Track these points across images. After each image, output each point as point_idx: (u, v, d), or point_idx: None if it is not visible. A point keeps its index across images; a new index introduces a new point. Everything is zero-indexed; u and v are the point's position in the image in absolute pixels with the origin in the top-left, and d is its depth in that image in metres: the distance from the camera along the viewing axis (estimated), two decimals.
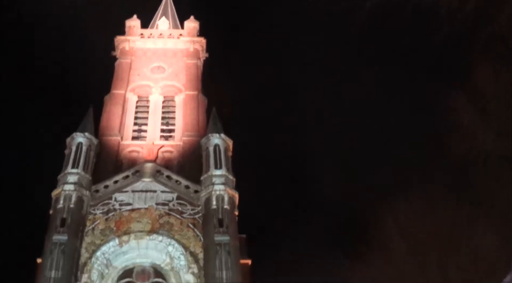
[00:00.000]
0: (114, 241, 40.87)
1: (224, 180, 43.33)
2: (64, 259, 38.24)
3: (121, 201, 42.78)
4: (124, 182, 43.90)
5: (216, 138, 46.21)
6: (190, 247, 40.73)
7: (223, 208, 41.70)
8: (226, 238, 39.98)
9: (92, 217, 41.78)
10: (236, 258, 39.53)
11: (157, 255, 41.23)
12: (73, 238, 39.53)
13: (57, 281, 37.23)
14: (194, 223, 41.91)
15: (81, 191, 41.84)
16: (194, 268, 39.87)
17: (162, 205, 42.70)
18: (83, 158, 43.99)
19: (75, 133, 45.62)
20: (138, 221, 41.73)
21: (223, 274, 38.23)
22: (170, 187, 43.79)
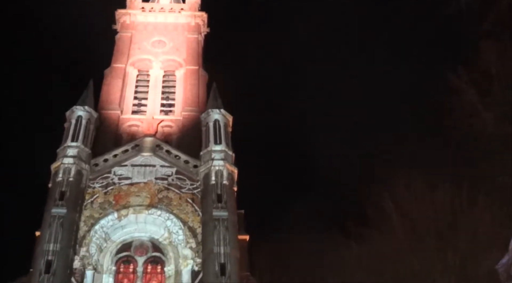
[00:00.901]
0: (113, 215, 40.71)
1: (224, 155, 43.07)
2: (62, 232, 38.08)
3: (120, 175, 42.55)
4: (124, 156, 43.63)
5: (216, 114, 45.86)
6: (188, 222, 40.60)
7: (222, 183, 41.47)
8: (224, 213, 39.82)
9: (91, 191, 41.57)
10: (234, 234, 39.38)
11: (155, 229, 41.11)
12: (72, 211, 39.34)
13: (56, 254, 37.09)
14: (193, 198, 41.74)
15: (80, 165, 41.56)
16: (192, 243, 39.77)
17: (161, 179, 42.48)
18: (82, 131, 43.62)
19: (75, 107, 45.21)
20: (137, 195, 41.55)
21: (221, 249, 38.11)
22: (170, 161, 43.53)
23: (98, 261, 39.28)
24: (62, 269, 36.85)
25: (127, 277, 40.05)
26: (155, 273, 40.31)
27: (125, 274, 40.17)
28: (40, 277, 36.01)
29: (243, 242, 40.78)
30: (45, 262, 36.67)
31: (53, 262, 36.74)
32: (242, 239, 40.85)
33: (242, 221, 42.11)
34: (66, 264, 37.32)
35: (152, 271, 40.37)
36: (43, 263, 36.63)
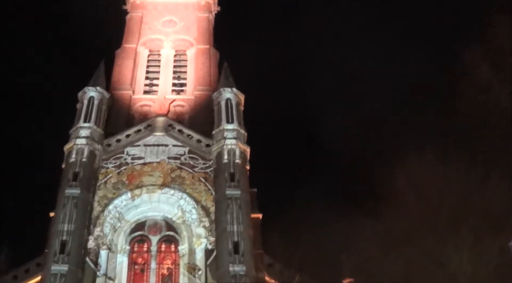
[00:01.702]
0: (126, 195, 40.69)
1: (236, 134, 42.80)
2: (77, 213, 38.09)
3: (133, 155, 42.44)
4: (136, 136, 43.47)
5: (228, 92, 45.50)
6: (201, 201, 40.50)
7: (235, 162, 41.26)
8: (237, 192, 39.64)
9: (104, 171, 41.52)
10: (247, 212, 39.19)
11: (168, 208, 41.04)
12: (85, 191, 39.32)
13: (70, 234, 37.14)
14: (206, 177, 41.58)
15: (93, 145, 41.47)
16: (206, 221, 39.69)
17: (173, 159, 42.32)
18: (95, 112, 43.48)
19: (87, 87, 45.02)
20: (150, 175, 41.45)
21: (234, 227, 37.97)
22: (182, 141, 43.33)
23: (112, 241, 39.31)
24: (77, 249, 36.90)
25: (141, 256, 40.08)
26: (169, 252, 40.29)
27: (139, 253, 40.18)
28: (55, 257, 36.06)
29: (256, 220, 40.62)
30: (60, 242, 36.71)
31: (68, 242, 36.78)
32: (255, 217, 40.69)
33: (255, 199, 41.91)
34: (80, 244, 37.38)
35: (166, 250, 40.36)
36: (57, 243, 36.67)
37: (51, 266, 35.74)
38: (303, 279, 35.68)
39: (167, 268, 39.71)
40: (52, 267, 35.68)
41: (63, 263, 35.90)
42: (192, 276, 38.22)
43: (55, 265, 35.74)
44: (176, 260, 39.80)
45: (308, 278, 36.40)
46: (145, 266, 39.63)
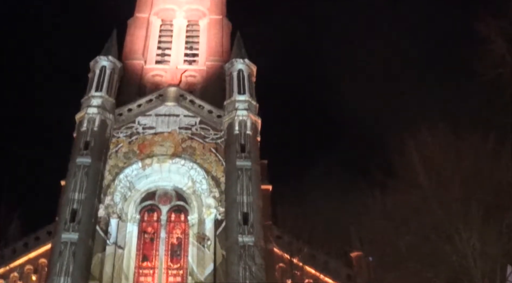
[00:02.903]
0: (137, 164, 40.44)
1: (247, 105, 42.30)
2: (87, 181, 37.95)
3: (144, 124, 42.07)
4: (148, 106, 43.06)
5: (240, 63, 44.87)
6: (212, 171, 40.19)
7: (246, 133, 40.84)
8: (247, 163, 39.31)
9: (116, 140, 41.22)
10: (257, 183, 38.92)
11: (179, 178, 40.80)
12: (96, 160, 39.11)
13: (81, 203, 37.02)
14: (217, 147, 41.21)
15: (104, 114, 41.12)
16: (216, 192, 39.46)
17: (185, 129, 41.94)
18: (106, 81, 43.06)
19: (99, 57, 44.54)
20: (161, 145, 41.13)
21: (244, 198, 37.75)
22: (193, 111, 42.88)
23: (122, 210, 39.20)
24: (87, 217, 36.85)
25: (151, 226, 39.98)
26: (179, 222, 40.18)
27: (149, 222, 40.09)
28: (66, 226, 36.03)
29: (266, 191, 40.24)
30: (71, 210, 36.67)
31: (78, 210, 36.72)
32: (265, 188, 40.30)
33: (265, 171, 41.47)
34: (91, 212, 37.30)
35: (176, 220, 40.25)
36: (68, 211, 36.63)
37: (62, 234, 35.74)
38: (311, 251, 35.37)
39: (176, 238, 39.63)
40: (63, 235, 35.67)
41: (74, 231, 35.89)
42: (201, 245, 38.13)
43: (66, 233, 35.73)
44: (185, 230, 39.67)
45: (316, 250, 36.12)
46: (154, 235, 39.58)
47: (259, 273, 34.00)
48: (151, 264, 38.52)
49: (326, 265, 37.37)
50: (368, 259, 35.17)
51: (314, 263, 36.34)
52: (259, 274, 33.93)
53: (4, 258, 37.84)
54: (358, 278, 36.64)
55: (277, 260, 37.35)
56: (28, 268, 38.16)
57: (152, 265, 38.47)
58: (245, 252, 35.36)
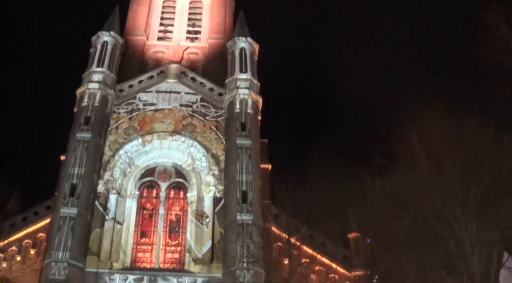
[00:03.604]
0: (137, 140, 40.15)
1: (249, 84, 41.86)
2: (87, 157, 37.68)
3: (145, 101, 41.67)
4: (149, 82, 42.62)
5: (242, 42, 44.33)
6: (212, 149, 39.92)
7: (246, 112, 40.47)
8: (248, 142, 39.02)
9: (116, 116, 40.86)
10: (256, 162, 38.70)
11: (179, 155, 40.51)
12: (96, 136, 38.79)
13: (80, 178, 36.77)
14: (217, 125, 40.87)
15: (105, 90, 40.69)
16: (215, 170, 39.22)
17: (185, 106, 41.55)
18: (108, 57, 42.53)
19: (101, 32, 43.93)
20: (161, 122, 40.80)
21: (243, 177, 37.54)
22: (194, 89, 42.45)
23: (122, 186, 38.97)
24: (87, 192, 36.65)
25: (150, 202, 39.77)
26: (178, 199, 39.97)
27: (148, 198, 39.87)
28: (65, 200, 35.83)
29: (265, 171, 40.04)
30: (70, 185, 36.46)
31: (78, 185, 36.50)
32: (265, 168, 40.11)
33: (265, 150, 41.26)
34: (90, 188, 37.09)
35: (175, 197, 40.03)
36: (68, 186, 36.41)
37: (61, 209, 35.58)
38: (309, 231, 35.22)
39: (175, 214, 39.47)
40: (62, 210, 35.50)
41: (73, 206, 35.71)
42: (200, 223, 37.99)
43: (65, 208, 35.55)
44: (184, 207, 39.49)
45: (314, 230, 36.00)
46: (153, 211, 39.40)
47: (257, 252, 33.91)
48: (150, 240, 38.37)
49: (323, 246, 37.34)
50: (365, 241, 35.08)
51: (312, 243, 36.29)
52: (256, 252, 33.83)
53: (3, 232, 37.56)
54: (355, 260, 36.58)
55: (275, 239, 37.24)
56: (27, 242, 38.03)
57: (151, 241, 38.33)
58: (243, 230, 35.26)
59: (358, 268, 35.62)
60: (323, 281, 35.48)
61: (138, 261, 37.50)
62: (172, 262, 37.72)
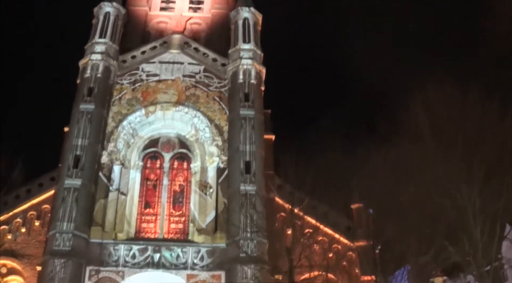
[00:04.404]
0: (141, 111, 39.78)
1: (252, 54, 41.27)
2: (90, 128, 37.39)
3: (148, 72, 41.14)
4: (152, 53, 42.02)
5: (245, 12, 43.58)
6: (215, 119, 39.57)
7: (250, 82, 39.99)
8: (251, 112, 38.64)
9: (119, 87, 40.41)
10: (260, 133, 38.34)
11: (182, 126, 40.19)
12: (100, 107, 38.43)
13: (84, 149, 36.54)
14: (220, 96, 40.44)
15: (108, 61, 40.18)
16: (218, 140, 38.94)
17: (189, 77, 41.03)
18: (110, 28, 41.88)
19: (103, 3, 43.15)
20: (164, 92, 40.34)
21: (247, 147, 37.26)
22: (198, 59, 41.88)
23: (125, 157, 38.75)
24: (90, 163, 36.44)
25: (153, 173, 39.61)
26: (181, 169, 39.78)
27: (152, 169, 39.70)
28: (69, 172, 35.65)
29: (268, 141, 39.70)
30: (74, 157, 36.25)
31: (82, 157, 36.29)
32: (268, 138, 39.74)
33: (268, 120, 40.82)
34: (94, 159, 36.87)
35: (178, 167, 39.84)
36: (71, 158, 36.20)
37: (65, 180, 35.42)
38: (312, 202, 35.01)
39: (179, 185, 39.34)
40: (66, 181, 35.35)
41: (77, 177, 35.54)
42: (203, 193, 37.87)
43: (69, 179, 35.39)
44: (188, 177, 39.33)
45: (317, 201, 35.79)
46: (157, 182, 39.25)
47: (260, 222, 33.82)
48: (154, 210, 38.30)
49: (326, 216, 37.19)
50: (368, 212, 34.87)
51: (315, 213, 36.17)
52: (260, 222, 33.74)
53: (7, 204, 37.66)
54: (358, 230, 36.43)
55: (278, 210, 37.17)
56: (31, 213, 37.97)
57: (155, 211, 38.26)
58: (247, 200, 35.12)
59: (361, 238, 35.49)
60: (326, 251, 35.29)
61: (142, 232, 37.48)
62: (176, 232, 37.70)
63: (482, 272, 24.54)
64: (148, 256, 35.06)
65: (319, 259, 33.85)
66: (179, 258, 35.17)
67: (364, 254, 34.07)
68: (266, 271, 32.85)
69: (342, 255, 35.92)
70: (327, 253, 35.22)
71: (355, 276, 34.32)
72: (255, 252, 33.48)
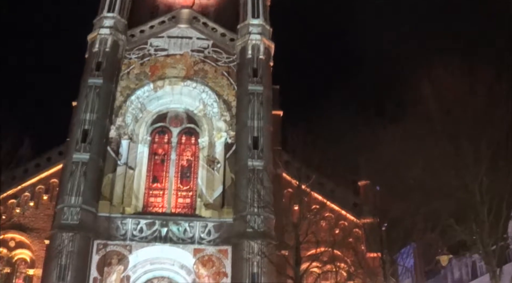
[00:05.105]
0: (149, 86, 39.57)
1: (261, 29, 40.85)
2: (99, 102, 37.26)
3: (157, 46, 40.82)
4: (160, 27, 41.65)
5: None
6: (223, 95, 39.33)
7: (258, 57, 39.62)
8: (259, 88, 38.35)
9: (127, 62, 40.13)
10: (268, 108, 38.12)
11: (190, 101, 39.98)
12: (108, 81, 38.24)
13: (92, 123, 36.46)
14: (229, 71, 40.14)
15: (116, 35, 39.84)
16: (227, 116, 38.75)
17: (197, 52, 40.70)
18: (119, 2, 41.32)
19: None
20: (173, 67, 40.08)
21: (255, 123, 37.08)
22: (206, 34, 41.49)
23: (133, 131, 38.67)
24: (98, 138, 36.41)
25: (161, 147, 39.57)
26: (189, 144, 39.70)
27: (159, 144, 39.66)
28: (77, 146, 35.65)
29: (276, 117, 39.48)
30: (82, 131, 36.22)
31: (90, 131, 36.25)
32: (276, 114, 39.51)
33: (277, 96, 40.47)
34: (102, 133, 36.83)
35: (186, 142, 39.75)
36: (80, 132, 36.17)
37: (73, 155, 35.46)
38: (319, 178, 34.84)
39: (186, 160, 39.30)
40: (74, 156, 35.37)
41: (85, 151, 35.54)
42: (211, 168, 37.82)
43: (77, 154, 35.40)
44: (195, 152, 39.24)
45: (325, 177, 35.58)
46: (165, 156, 39.24)
47: (267, 197, 33.82)
48: (161, 185, 38.35)
49: (333, 193, 37.03)
50: (375, 189, 34.66)
51: (322, 190, 36.01)
52: (267, 197, 33.72)
53: (16, 178, 37.74)
54: (364, 207, 36.28)
55: (285, 186, 37.11)
56: (40, 187, 38.15)
57: (162, 186, 38.31)
58: (254, 175, 35.04)
59: (368, 215, 35.27)
60: (332, 227, 35.28)
61: (150, 206, 37.61)
62: (184, 207, 37.78)
63: (488, 251, 24.33)
64: (156, 230, 35.17)
65: (325, 235, 33.75)
66: (186, 232, 35.26)
67: (370, 231, 33.92)
68: (273, 246, 32.85)
69: (349, 231, 35.79)
70: (334, 230, 35.24)
71: (361, 252, 34.18)
72: (262, 227, 33.55)
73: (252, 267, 32.79)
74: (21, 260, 36.78)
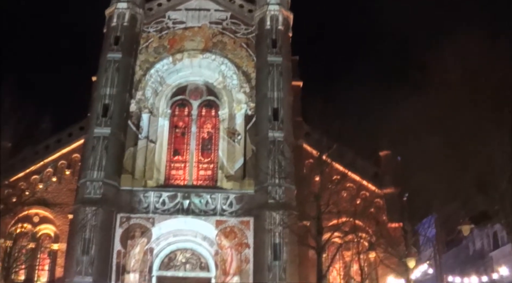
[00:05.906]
0: (168, 59, 39.33)
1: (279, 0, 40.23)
2: (118, 77, 37.15)
3: (175, 19, 40.43)
4: (178, 0, 41.21)
5: None
6: (242, 66, 38.97)
7: (277, 28, 39.09)
8: (279, 59, 37.89)
9: (146, 35, 39.87)
10: (288, 79, 37.71)
11: (210, 73, 39.71)
12: (127, 55, 38.05)
13: (112, 98, 36.42)
14: (248, 42, 39.71)
15: (134, 9, 39.53)
16: (246, 87, 38.44)
17: (215, 24, 40.28)
18: None
19: None
20: (191, 40, 39.73)
21: (275, 94, 36.73)
22: (224, 5, 40.96)
23: (153, 105, 38.56)
24: (119, 112, 36.40)
25: (182, 120, 39.45)
26: (209, 117, 39.56)
27: (180, 117, 39.55)
28: (98, 121, 35.69)
29: (296, 88, 39.01)
30: (102, 106, 36.21)
31: (110, 105, 36.22)
32: (296, 85, 39.02)
33: (296, 67, 39.99)
34: (122, 107, 36.80)
35: (206, 115, 39.62)
36: (100, 107, 36.18)
37: (94, 129, 35.51)
38: (340, 149, 34.50)
39: (207, 132, 39.20)
40: (95, 130, 35.43)
41: (106, 126, 35.58)
42: (232, 140, 37.69)
43: (98, 128, 35.46)
44: (216, 125, 39.11)
45: (346, 148, 35.24)
46: (185, 129, 39.17)
47: (288, 168, 33.62)
48: (182, 158, 38.37)
49: (354, 163, 36.60)
50: (396, 159, 34.32)
51: (343, 160, 35.53)
52: (288, 168, 33.55)
53: (38, 154, 37.94)
54: (386, 177, 35.97)
55: (306, 156, 36.79)
56: (62, 163, 38.28)
57: (183, 159, 38.33)
58: (275, 147, 34.88)
59: (389, 185, 35.15)
60: (353, 197, 34.97)
61: (172, 179, 37.68)
62: (205, 179, 37.82)
63: (510, 221, 24.02)
64: (178, 203, 35.25)
65: (346, 205, 33.48)
66: (208, 204, 35.29)
67: (391, 201, 33.74)
68: (294, 217, 32.76)
69: (370, 202, 35.50)
70: (355, 200, 34.84)
71: (382, 223, 33.91)
72: (283, 198, 33.46)
73: (274, 238, 32.80)
74: (45, 235, 37.13)
